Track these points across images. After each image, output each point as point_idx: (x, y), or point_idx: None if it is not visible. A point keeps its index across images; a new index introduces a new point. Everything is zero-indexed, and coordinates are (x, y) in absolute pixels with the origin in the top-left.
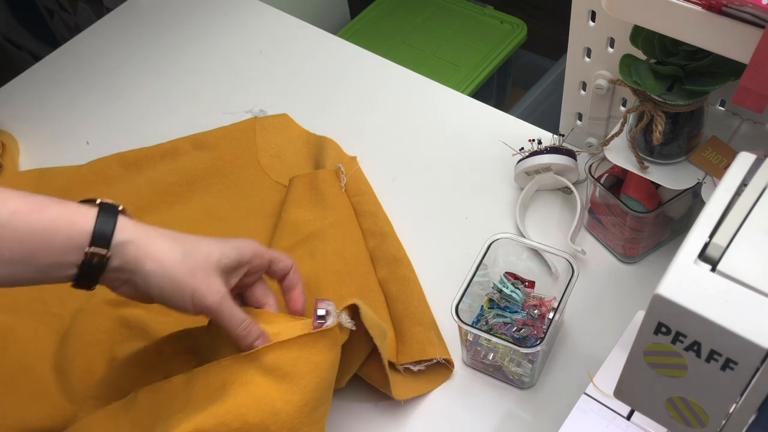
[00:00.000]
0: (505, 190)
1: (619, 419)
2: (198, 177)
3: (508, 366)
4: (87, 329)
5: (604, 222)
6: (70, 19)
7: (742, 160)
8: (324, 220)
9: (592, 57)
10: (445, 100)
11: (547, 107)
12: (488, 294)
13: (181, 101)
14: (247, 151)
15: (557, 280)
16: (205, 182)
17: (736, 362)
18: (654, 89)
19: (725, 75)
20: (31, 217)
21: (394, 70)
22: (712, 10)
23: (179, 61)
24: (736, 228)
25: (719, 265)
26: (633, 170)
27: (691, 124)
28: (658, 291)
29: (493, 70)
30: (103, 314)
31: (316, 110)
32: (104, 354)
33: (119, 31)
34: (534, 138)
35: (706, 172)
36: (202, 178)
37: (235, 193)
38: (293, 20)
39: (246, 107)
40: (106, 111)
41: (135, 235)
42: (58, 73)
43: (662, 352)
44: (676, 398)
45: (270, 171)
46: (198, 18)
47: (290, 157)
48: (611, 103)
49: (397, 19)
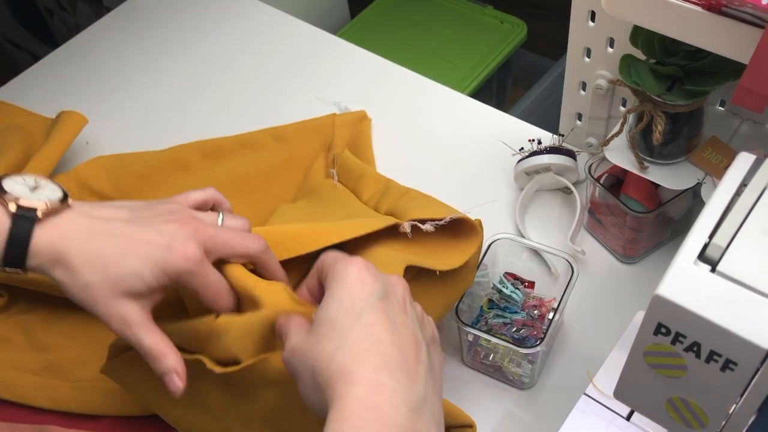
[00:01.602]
0: (504, 190)
1: (618, 420)
2: (276, 168)
3: (508, 366)
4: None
5: (604, 222)
6: (70, 19)
7: (742, 160)
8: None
9: (592, 57)
10: (445, 100)
11: (547, 107)
12: (488, 294)
13: (181, 101)
14: (323, 146)
15: (557, 281)
16: (283, 174)
17: (736, 363)
18: (654, 89)
19: (725, 75)
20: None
21: (394, 70)
22: (712, 10)
23: (179, 60)
24: (736, 228)
25: (719, 266)
26: (633, 170)
27: (690, 124)
28: (658, 291)
29: (493, 70)
30: None
31: (316, 110)
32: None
33: (119, 31)
34: (534, 138)
35: (706, 172)
36: (280, 170)
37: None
38: (293, 20)
39: (247, 107)
40: (106, 111)
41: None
42: (58, 73)
43: (662, 353)
44: (676, 399)
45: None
46: (198, 18)
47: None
48: (611, 103)
49: (397, 19)
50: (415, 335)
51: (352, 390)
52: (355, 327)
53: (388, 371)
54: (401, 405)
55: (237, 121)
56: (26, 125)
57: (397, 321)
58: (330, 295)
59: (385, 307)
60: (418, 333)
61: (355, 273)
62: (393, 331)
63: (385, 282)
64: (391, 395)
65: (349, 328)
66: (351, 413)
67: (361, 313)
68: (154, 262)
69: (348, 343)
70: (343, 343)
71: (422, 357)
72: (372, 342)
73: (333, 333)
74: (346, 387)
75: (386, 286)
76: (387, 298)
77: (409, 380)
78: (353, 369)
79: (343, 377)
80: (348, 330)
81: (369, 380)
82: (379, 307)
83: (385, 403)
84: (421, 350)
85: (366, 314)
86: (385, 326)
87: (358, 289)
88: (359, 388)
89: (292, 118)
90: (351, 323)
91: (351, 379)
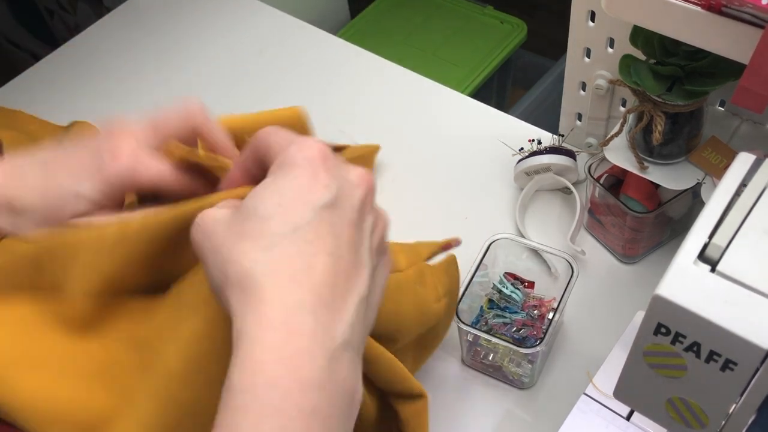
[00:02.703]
0: (504, 190)
1: (618, 420)
2: None
3: (508, 366)
4: None
5: (604, 222)
6: (70, 19)
7: (742, 160)
8: None
9: (592, 57)
10: (444, 100)
11: (547, 107)
12: (488, 294)
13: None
14: None
15: (557, 281)
16: None
17: (736, 363)
18: (654, 89)
19: (725, 75)
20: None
21: (394, 70)
22: (712, 10)
23: (179, 60)
24: (736, 228)
25: (719, 266)
26: (633, 170)
27: (690, 124)
28: (658, 291)
29: (493, 70)
30: None
31: (316, 110)
32: None
33: (119, 31)
34: (534, 138)
35: (706, 172)
36: None
37: None
38: (293, 20)
39: (247, 107)
40: (105, 111)
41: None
42: (58, 73)
43: (662, 353)
44: (676, 399)
45: None
46: (198, 18)
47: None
48: (611, 103)
49: (397, 19)
50: (359, 257)
51: (267, 334)
52: (288, 238)
53: (311, 309)
54: (318, 354)
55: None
56: (38, 133)
57: (342, 238)
58: (270, 184)
59: (333, 219)
60: (363, 254)
61: (308, 164)
62: (332, 253)
63: (342, 182)
64: (310, 342)
65: (280, 236)
66: (263, 364)
67: (300, 221)
68: (89, 174)
69: (273, 258)
70: (266, 257)
71: (359, 286)
72: (302, 266)
73: (259, 234)
74: (258, 327)
75: (343, 187)
76: (339, 205)
77: (332, 319)
78: (271, 300)
79: (258, 306)
80: (279, 238)
81: (287, 322)
82: (324, 218)
83: (302, 353)
84: (360, 276)
85: (306, 226)
86: (325, 246)
87: (306, 188)
88: (275, 334)
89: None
90: (284, 232)
91: (265, 316)
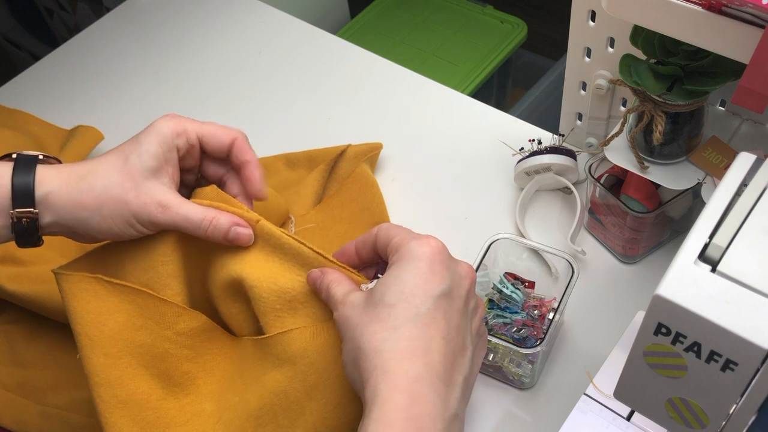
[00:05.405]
0: (505, 190)
1: (619, 420)
2: (284, 195)
3: (508, 366)
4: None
5: (604, 222)
6: (70, 19)
7: (742, 160)
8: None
9: (592, 57)
10: (445, 100)
11: (547, 107)
12: (488, 294)
13: (181, 101)
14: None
15: (557, 281)
16: (291, 200)
17: (737, 363)
18: (654, 89)
19: (725, 75)
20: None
21: (394, 70)
22: (712, 10)
23: (179, 61)
24: (736, 228)
25: (719, 266)
26: (633, 170)
27: (691, 124)
28: (658, 291)
29: (493, 70)
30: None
31: (316, 110)
32: None
33: (119, 31)
34: (534, 138)
35: (706, 172)
36: (289, 196)
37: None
38: (293, 20)
39: (247, 107)
40: (105, 111)
41: (56, 185)
42: (58, 73)
43: (662, 353)
44: (676, 399)
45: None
46: (198, 18)
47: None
48: (611, 103)
49: (397, 18)
50: (464, 340)
51: (395, 396)
52: (411, 322)
53: (430, 383)
54: (438, 419)
55: (237, 121)
56: (40, 135)
57: (452, 323)
58: (395, 275)
59: (446, 306)
60: (467, 337)
61: (428, 259)
62: (445, 337)
63: (453, 274)
64: (431, 408)
65: (403, 320)
66: (393, 421)
67: (421, 308)
68: (151, 134)
69: (397, 339)
70: (393, 337)
71: (464, 366)
72: (421, 346)
73: (386, 319)
74: (390, 391)
75: (453, 279)
76: (450, 295)
77: (446, 393)
78: (396, 372)
79: (385, 376)
80: (402, 322)
81: (411, 389)
82: (439, 306)
83: (424, 415)
84: (464, 357)
85: (425, 312)
86: (439, 330)
87: (425, 280)
88: (402, 396)
89: (292, 118)
90: (407, 317)
91: (394, 383)
